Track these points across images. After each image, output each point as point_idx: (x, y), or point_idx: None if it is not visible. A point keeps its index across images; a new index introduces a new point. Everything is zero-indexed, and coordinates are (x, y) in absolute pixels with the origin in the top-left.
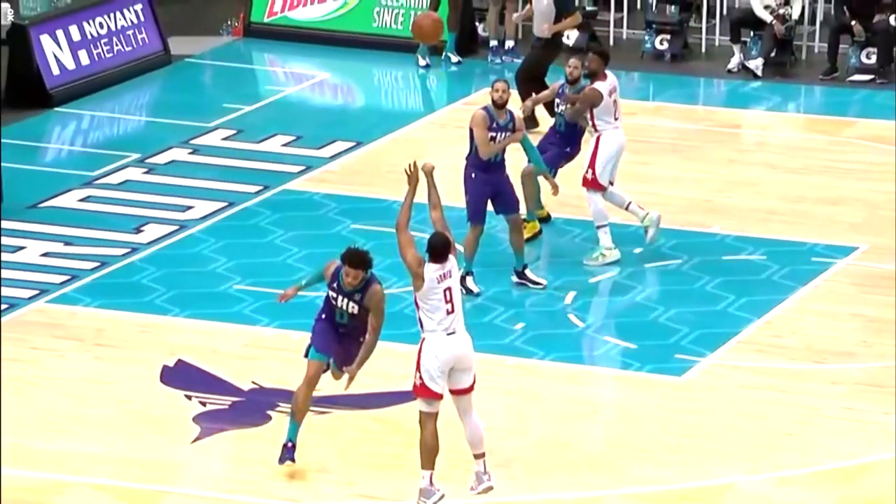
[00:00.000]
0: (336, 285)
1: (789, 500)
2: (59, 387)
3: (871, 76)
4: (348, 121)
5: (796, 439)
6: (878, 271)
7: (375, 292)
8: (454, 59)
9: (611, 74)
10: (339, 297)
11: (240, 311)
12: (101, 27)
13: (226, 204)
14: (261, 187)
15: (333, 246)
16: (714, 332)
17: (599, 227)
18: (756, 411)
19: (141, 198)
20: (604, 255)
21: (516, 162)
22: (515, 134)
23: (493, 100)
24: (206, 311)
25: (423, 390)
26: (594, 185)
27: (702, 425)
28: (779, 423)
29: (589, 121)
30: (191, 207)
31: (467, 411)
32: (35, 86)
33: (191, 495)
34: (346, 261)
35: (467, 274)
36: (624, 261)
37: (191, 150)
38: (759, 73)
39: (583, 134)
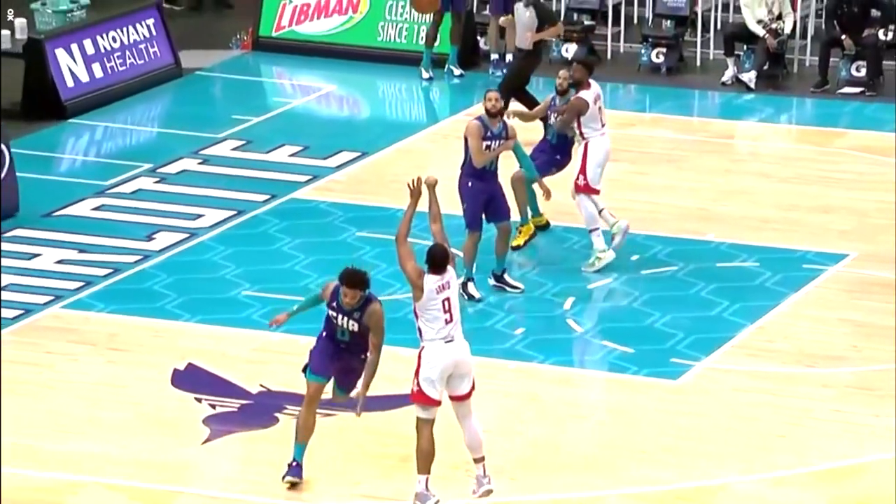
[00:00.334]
0: (335, 304)
1: (782, 499)
2: (74, 390)
3: (861, 89)
4: (354, 132)
5: (789, 441)
6: (867, 278)
7: (374, 311)
8: (456, 71)
9: (595, 83)
10: (339, 316)
11: (248, 317)
12: (115, 41)
13: (235, 212)
14: (269, 196)
15: (339, 253)
16: (708, 337)
17: (592, 230)
18: (749, 414)
19: (153, 206)
20: (599, 259)
21: (507, 170)
22: (508, 142)
23: (486, 109)
24: (216, 316)
25: (420, 397)
26: (587, 189)
27: (697, 427)
28: (772, 425)
29: (576, 130)
30: (201, 216)
31: (466, 416)
32: (50, 98)
33: (201, 495)
34: (344, 281)
35: (469, 280)
36: (621, 268)
37: (201, 161)
38: (753, 85)
39: (572, 144)
